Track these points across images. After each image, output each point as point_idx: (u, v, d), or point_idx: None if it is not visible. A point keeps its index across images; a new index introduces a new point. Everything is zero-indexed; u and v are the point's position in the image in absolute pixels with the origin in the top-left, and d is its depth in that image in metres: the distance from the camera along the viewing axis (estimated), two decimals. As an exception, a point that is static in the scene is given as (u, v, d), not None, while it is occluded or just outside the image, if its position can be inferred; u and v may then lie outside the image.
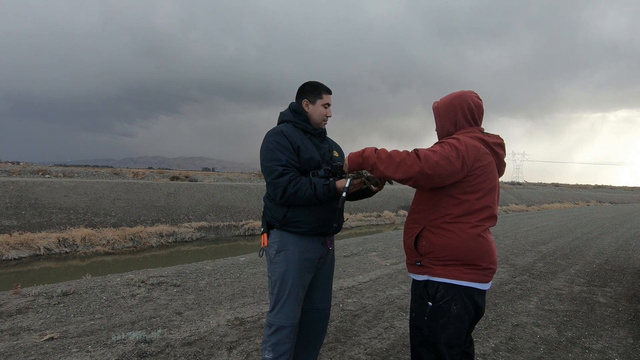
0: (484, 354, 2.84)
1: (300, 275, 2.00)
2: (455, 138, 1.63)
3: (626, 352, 2.96)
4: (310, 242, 2.02)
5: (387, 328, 3.27)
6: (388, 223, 18.63)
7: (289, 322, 1.95)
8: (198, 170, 36.32)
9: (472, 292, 1.61)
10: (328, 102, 2.08)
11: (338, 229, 2.14)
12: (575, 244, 8.68)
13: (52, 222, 10.73)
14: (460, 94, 1.75)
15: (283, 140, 1.95)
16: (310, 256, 2.02)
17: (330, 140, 2.23)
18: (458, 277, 1.59)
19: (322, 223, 2.01)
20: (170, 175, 22.32)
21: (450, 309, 1.59)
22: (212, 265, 5.61)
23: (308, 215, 1.98)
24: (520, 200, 33.12)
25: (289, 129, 2.01)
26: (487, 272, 1.62)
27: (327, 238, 2.10)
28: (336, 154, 2.16)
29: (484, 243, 1.61)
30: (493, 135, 1.76)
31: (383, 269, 5.51)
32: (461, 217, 1.61)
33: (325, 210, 2.01)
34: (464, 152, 1.57)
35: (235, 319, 3.35)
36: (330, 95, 2.09)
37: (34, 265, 8.71)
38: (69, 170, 21.27)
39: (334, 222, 2.06)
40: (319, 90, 2.06)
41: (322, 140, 2.12)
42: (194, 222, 13.11)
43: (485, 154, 1.65)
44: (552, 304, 4.12)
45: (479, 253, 1.60)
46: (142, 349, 2.71)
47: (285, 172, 1.89)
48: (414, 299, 1.75)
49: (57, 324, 3.19)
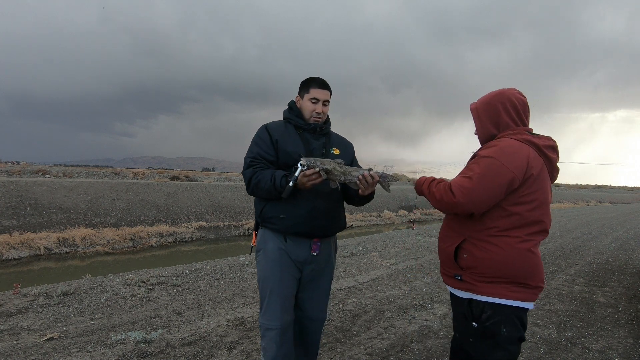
0: (484, 354, 2.84)
1: (282, 276, 1.88)
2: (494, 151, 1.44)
3: (626, 352, 2.95)
4: (292, 242, 1.90)
5: (387, 328, 3.27)
6: (388, 223, 18.64)
7: (273, 323, 1.86)
8: (198, 170, 36.31)
9: (521, 313, 1.47)
10: (316, 96, 1.95)
11: (328, 230, 1.95)
12: (575, 244, 8.68)
13: (52, 222, 10.73)
14: (500, 92, 1.58)
15: (263, 134, 1.92)
16: (291, 257, 1.90)
17: (335, 137, 2.11)
18: (507, 296, 1.43)
19: (300, 221, 1.86)
20: (170, 175, 22.33)
21: (500, 331, 1.44)
22: (212, 265, 5.61)
23: (282, 211, 1.87)
24: (520, 200, 33.10)
25: (277, 124, 1.98)
26: (536, 291, 1.47)
27: (314, 242, 1.92)
28: (336, 151, 2.02)
29: (534, 259, 1.45)
30: (544, 137, 1.54)
31: (383, 269, 5.51)
32: (509, 231, 1.44)
33: (302, 207, 1.86)
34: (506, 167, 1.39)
35: (235, 319, 3.35)
36: (321, 89, 1.96)
37: (34, 265, 8.71)
38: (69, 170, 21.28)
39: (316, 220, 1.87)
40: (308, 84, 1.98)
41: (317, 137, 1.99)
42: (194, 222, 13.11)
43: (535, 159, 1.46)
44: (552, 304, 4.12)
45: (528, 270, 1.43)
46: (142, 349, 2.71)
47: (252, 163, 1.88)
48: (456, 317, 1.62)
49: (57, 324, 3.19)
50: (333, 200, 1.96)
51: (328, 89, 1.99)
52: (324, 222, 1.91)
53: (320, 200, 1.90)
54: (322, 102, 1.96)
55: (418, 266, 5.72)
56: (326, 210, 1.92)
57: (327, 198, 1.93)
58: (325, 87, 1.98)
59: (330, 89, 2.01)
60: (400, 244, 7.75)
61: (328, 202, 1.93)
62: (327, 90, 1.99)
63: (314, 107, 1.95)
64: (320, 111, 1.96)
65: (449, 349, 2.88)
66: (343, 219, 2.07)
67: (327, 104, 2.00)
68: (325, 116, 2.02)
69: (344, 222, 2.08)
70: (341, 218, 2.04)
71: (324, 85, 1.98)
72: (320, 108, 1.96)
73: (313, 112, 1.96)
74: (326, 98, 1.98)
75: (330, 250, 2.05)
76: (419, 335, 3.13)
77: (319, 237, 1.93)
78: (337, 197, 2.00)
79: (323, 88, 1.97)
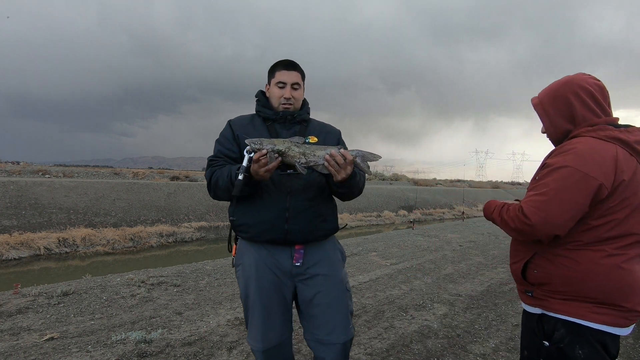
0: (484, 354, 2.84)
1: (262, 291, 1.61)
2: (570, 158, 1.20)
3: (626, 352, 2.95)
4: (270, 252, 1.63)
5: (387, 328, 3.27)
6: (388, 223, 18.64)
7: (256, 344, 1.64)
8: (198, 170, 36.43)
9: (606, 338, 1.21)
10: (282, 79, 1.67)
11: (309, 235, 1.62)
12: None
13: (52, 222, 10.73)
14: (568, 79, 1.30)
15: (226, 130, 1.72)
16: (270, 270, 1.62)
17: (315, 124, 1.79)
18: (585, 316, 1.21)
19: (267, 227, 1.59)
20: (170, 175, 22.33)
21: (575, 354, 1.22)
22: (212, 265, 5.61)
23: (251, 217, 1.62)
24: (520, 200, 33.16)
25: (242, 118, 1.76)
26: (630, 315, 1.20)
27: (296, 249, 1.63)
28: (313, 139, 1.68)
29: (624, 276, 1.19)
30: (635, 130, 1.25)
31: (383, 269, 5.51)
32: (592, 245, 1.21)
33: (270, 209, 1.59)
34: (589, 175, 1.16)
35: (235, 319, 3.35)
36: (288, 71, 1.68)
37: (34, 265, 8.71)
38: (69, 170, 21.28)
39: (290, 223, 1.58)
40: (273, 68, 1.72)
41: (288, 126, 1.71)
42: (194, 222, 13.11)
43: (626, 160, 1.20)
44: (552, 304, 4.13)
45: (618, 290, 1.19)
46: (142, 349, 2.71)
47: (212, 162, 1.66)
48: (525, 333, 1.44)
49: (57, 324, 3.19)
50: (312, 196, 1.64)
51: (297, 69, 1.71)
52: (302, 225, 1.60)
53: (293, 197, 1.60)
54: (291, 85, 1.68)
55: (418, 266, 5.72)
56: (303, 210, 1.60)
57: (303, 194, 1.62)
58: (292, 68, 1.70)
59: (300, 70, 1.73)
60: (400, 244, 7.75)
61: (305, 199, 1.62)
62: (296, 71, 1.71)
63: (281, 92, 1.68)
64: (288, 96, 1.68)
65: (449, 349, 2.88)
66: (332, 218, 1.73)
67: (297, 87, 1.71)
68: (299, 102, 1.74)
69: (334, 222, 1.73)
70: (328, 218, 1.69)
71: (292, 66, 1.70)
72: (288, 92, 1.68)
73: (281, 98, 1.68)
74: (295, 80, 1.69)
75: (327, 257, 1.70)
76: (419, 335, 3.13)
77: (300, 243, 1.63)
78: (318, 191, 1.66)
79: (290, 69, 1.70)
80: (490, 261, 6.30)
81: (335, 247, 1.76)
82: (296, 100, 1.71)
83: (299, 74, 1.72)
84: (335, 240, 1.80)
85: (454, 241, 8.42)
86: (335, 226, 1.74)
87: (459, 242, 8.34)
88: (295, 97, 1.70)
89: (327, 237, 1.72)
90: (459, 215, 21.30)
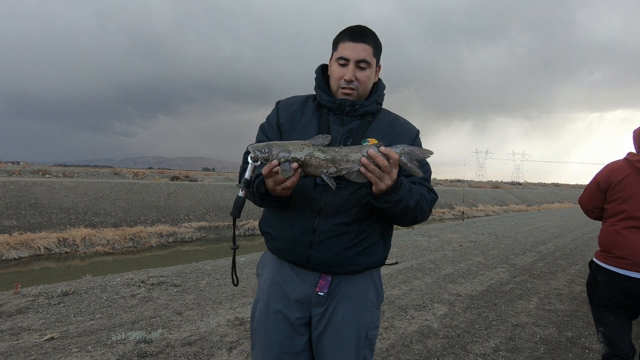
0: (484, 354, 2.84)
1: (268, 322, 1.29)
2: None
3: (626, 352, 2.96)
4: (293, 271, 1.29)
5: (387, 328, 3.27)
6: (388, 223, 18.64)
7: None
8: (198, 170, 36.29)
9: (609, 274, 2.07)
10: (344, 54, 1.25)
11: (340, 266, 1.24)
12: (575, 244, 8.68)
13: (52, 222, 10.73)
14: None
15: (272, 115, 1.37)
16: (285, 294, 1.29)
17: (384, 119, 1.34)
18: (600, 260, 2.14)
19: (287, 246, 1.26)
20: (170, 175, 22.34)
21: (597, 278, 2.16)
22: (212, 265, 5.61)
23: (274, 228, 1.31)
24: (520, 200, 33.13)
25: (295, 99, 1.37)
26: (623, 262, 2.02)
27: (323, 276, 1.26)
28: (372, 141, 1.21)
29: (619, 238, 2.05)
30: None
31: (383, 269, 5.51)
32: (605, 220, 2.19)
33: (295, 225, 1.24)
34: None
35: (235, 319, 3.35)
36: (354, 42, 1.24)
37: (34, 265, 8.71)
38: (69, 170, 21.29)
39: (314, 248, 1.21)
40: (337, 38, 1.30)
41: (347, 120, 1.29)
42: (194, 222, 13.11)
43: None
44: (552, 304, 4.13)
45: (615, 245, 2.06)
46: (142, 349, 2.71)
47: (245, 157, 1.27)
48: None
49: (57, 324, 3.19)
50: (351, 220, 1.23)
51: (367, 40, 1.26)
52: (329, 255, 1.22)
53: (323, 219, 1.22)
54: (355, 62, 1.24)
55: (418, 266, 5.73)
56: (333, 236, 1.22)
57: (337, 216, 1.22)
58: (361, 39, 1.25)
59: (372, 42, 1.27)
60: (400, 244, 7.75)
61: (338, 223, 1.22)
62: (365, 43, 1.25)
63: (341, 71, 1.26)
64: (350, 77, 1.24)
65: (449, 349, 2.88)
66: (374, 251, 1.28)
67: (365, 66, 1.26)
68: (366, 86, 1.29)
69: (375, 256, 1.29)
70: (368, 250, 1.26)
71: (360, 36, 1.25)
72: (350, 72, 1.24)
73: (340, 79, 1.26)
74: (361, 57, 1.24)
75: (357, 293, 1.30)
76: (419, 335, 3.13)
77: (329, 272, 1.26)
78: (361, 213, 1.24)
79: (357, 40, 1.25)
80: (490, 261, 6.30)
81: (370, 284, 1.34)
82: (362, 84, 1.27)
83: (370, 48, 1.27)
84: (375, 276, 1.37)
85: (454, 241, 8.42)
86: (378, 260, 1.31)
87: (459, 242, 8.34)
88: (361, 80, 1.26)
89: (362, 271, 1.31)
90: (459, 215, 21.29)
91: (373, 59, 1.29)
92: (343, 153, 1.10)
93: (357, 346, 1.30)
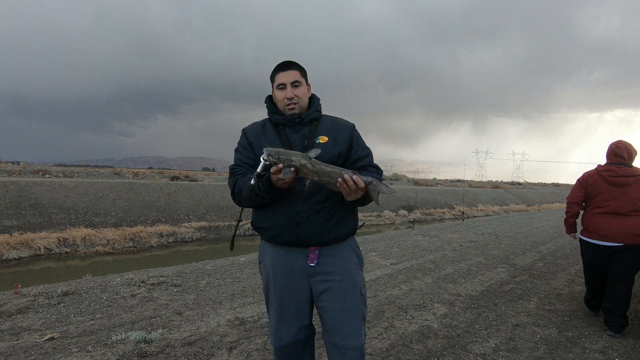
0: (484, 354, 2.84)
1: (277, 291, 1.70)
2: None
3: (626, 352, 2.96)
4: (287, 251, 1.69)
5: (387, 328, 3.27)
6: (388, 223, 18.64)
7: (272, 340, 1.74)
8: (198, 170, 36.27)
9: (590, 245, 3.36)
10: (280, 81, 1.66)
11: (321, 237, 1.64)
12: (576, 244, 8.67)
13: (52, 222, 10.73)
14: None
15: (242, 139, 1.75)
16: (288, 268, 1.69)
17: (326, 121, 1.75)
18: (584, 235, 3.43)
19: (280, 231, 1.64)
20: (170, 175, 22.33)
21: (582, 248, 3.49)
22: (212, 265, 5.61)
23: (266, 221, 1.68)
24: (520, 200, 33.12)
25: (255, 125, 1.77)
26: (594, 235, 3.29)
27: (312, 250, 1.66)
28: (323, 139, 1.66)
29: (593, 220, 3.31)
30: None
31: (383, 269, 5.51)
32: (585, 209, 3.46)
33: (281, 213, 1.63)
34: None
35: (235, 319, 3.35)
36: (284, 71, 1.67)
37: (34, 265, 8.71)
38: (69, 170, 21.28)
39: (300, 227, 1.61)
40: (273, 73, 1.71)
41: (298, 128, 1.69)
42: (194, 222, 13.11)
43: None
44: (552, 304, 4.12)
45: (590, 224, 3.34)
46: (142, 349, 2.72)
47: (233, 171, 1.70)
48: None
49: (58, 324, 3.19)
50: (323, 199, 1.63)
51: (293, 67, 1.68)
52: (313, 229, 1.61)
53: (304, 201, 1.62)
54: (290, 84, 1.66)
55: (418, 266, 5.73)
56: (313, 213, 1.61)
57: (314, 197, 1.63)
58: (288, 67, 1.68)
59: (297, 67, 1.70)
60: (400, 244, 7.75)
61: (315, 202, 1.62)
62: (293, 69, 1.68)
63: (282, 94, 1.67)
64: (290, 95, 1.65)
65: (449, 349, 2.88)
66: (347, 221, 1.70)
67: (298, 84, 1.68)
68: (303, 100, 1.70)
69: (349, 225, 1.71)
70: (342, 221, 1.68)
71: (287, 66, 1.68)
72: (289, 92, 1.65)
73: (284, 99, 1.67)
74: (293, 79, 1.66)
75: (342, 260, 1.69)
76: (419, 335, 3.13)
77: (315, 245, 1.65)
78: (329, 193, 1.63)
79: (286, 69, 1.67)
80: (490, 261, 6.30)
81: (351, 251, 1.74)
82: (300, 99, 1.68)
83: (297, 72, 1.69)
84: (353, 243, 1.77)
85: (454, 241, 8.42)
86: (351, 229, 1.72)
87: (459, 242, 8.34)
88: (298, 95, 1.67)
89: (341, 240, 1.70)
90: (459, 215, 21.29)
91: (302, 79, 1.70)
92: (325, 170, 1.48)
93: (358, 303, 1.68)
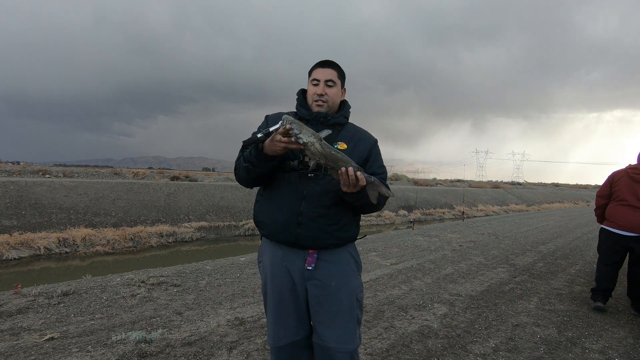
0: (484, 354, 2.84)
1: (275, 292, 1.67)
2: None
3: (626, 352, 2.96)
4: (285, 252, 1.65)
5: (387, 328, 3.27)
6: (388, 223, 18.63)
7: (268, 341, 1.71)
8: (198, 170, 36.27)
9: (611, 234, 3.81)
10: (316, 77, 1.66)
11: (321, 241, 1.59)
12: (576, 244, 8.68)
13: (52, 222, 10.72)
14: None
15: (262, 123, 1.74)
16: (285, 270, 1.65)
17: (349, 129, 1.73)
18: (605, 224, 3.91)
19: (280, 228, 1.61)
20: (170, 175, 22.32)
21: (600, 236, 4.00)
22: (212, 265, 5.61)
23: (267, 216, 1.66)
24: (520, 200, 33.11)
25: (279, 115, 1.71)
26: (615, 225, 3.75)
27: (310, 253, 1.61)
28: (342, 145, 1.64)
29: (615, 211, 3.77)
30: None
31: (383, 268, 5.51)
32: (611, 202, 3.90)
33: (284, 211, 1.60)
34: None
35: (235, 319, 3.35)
36: (322, 68, 1.67)
37: (34, 265, 8.71)
38: (69, 170, 21.27)
39: (301, 228, 1.57)
40: (312, 67, 1.72)
41: (319, 129, 1.61)
42: (194, 222, 13.10)
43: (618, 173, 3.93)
44: (552, 304, 4.13)
45: (613, 215, 3.80)
46: (142, 349, 2.72)
47: (244, 148, 1.64)
48: None
49: (57, 324, 3.19)
50: (329, 204, 1.60)
51: (332, 67, 1.68)
52: (314, 232, 1.58)
53: (308, 203, 1.58)
54: (324, 81, 1.65)
55: (418, 266, 5.72)
56: (316, 216, 1.58)
57: (318, 200, 1.59)
58: (327, 65, 1.68)
59: (336, 68, 1.70)
60: (400, 244, 7.75)
61: (319, 205, 1.59)
62: (331, 68, 1.68)
63: (314, 89, 1.67)
64: (320, 92, 1.64)
65: (449, 349, 2.88)
66: (349, 227, 1.67)
67: (332, 85, 1.66)
68: (334, 101, 1.69)
69: (350, 231, 1.67)
70: (344, 227, 1.64)
71: (327, 63, 1.68)
72: (321, 89, 1.64)
73: (314, 95, 1.67)
74: (328, 77, 1.66)
75: (341, 265, 1.66)
76: (419, 335, 3.13)
77: (313, 248, 1.61)
78: (336, 199, 1.61)
79: (325, 66, 1.67)
80: (490, 261, 6.30)
81: (349, 256, 1.70)
82: (330, 98, 1.67)
83: (335, 72, 1.68)
84: (352, 249, 1.74)
85: (454, 241, 8.42)
86: (352, 235, 1.69)
87: (459, 242, 8.34)
88: (329, 95, 1.66)
89: (341, 246, 1.67)
90: (459, 215, 21.29)
91: (338, 81, 1.69)
92: (334, 158, 1.44)
93: (353, 308, 1.66)
